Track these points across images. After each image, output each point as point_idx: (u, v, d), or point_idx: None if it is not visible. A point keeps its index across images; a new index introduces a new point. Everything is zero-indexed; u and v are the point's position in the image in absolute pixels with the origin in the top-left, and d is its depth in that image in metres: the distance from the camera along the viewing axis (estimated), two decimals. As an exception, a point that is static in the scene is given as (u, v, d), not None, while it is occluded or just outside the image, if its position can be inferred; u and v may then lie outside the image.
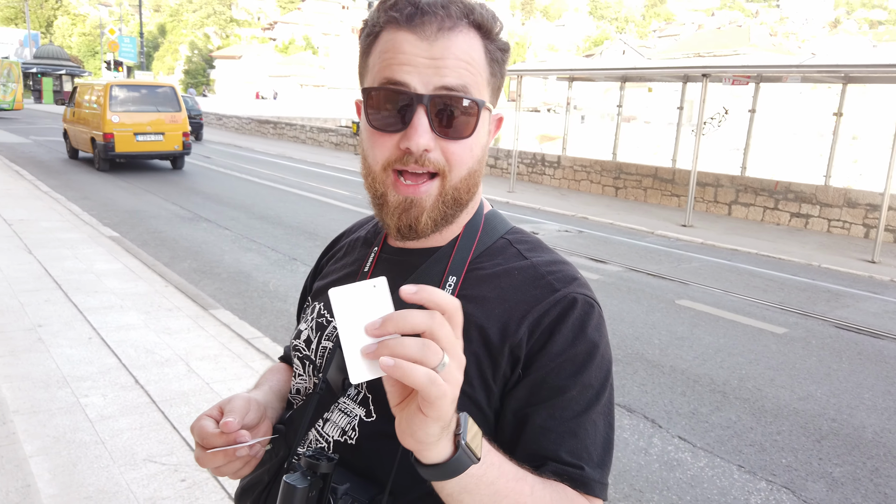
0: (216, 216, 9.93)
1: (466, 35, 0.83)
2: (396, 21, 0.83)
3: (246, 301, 5.95)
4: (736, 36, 62.95)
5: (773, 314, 6.40)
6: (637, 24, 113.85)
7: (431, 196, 0.85)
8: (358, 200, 11.96)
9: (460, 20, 0.83)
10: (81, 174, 13.87)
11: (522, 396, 0.84)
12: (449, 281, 0.89)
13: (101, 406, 3.66)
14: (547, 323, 0.85)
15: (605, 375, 0.87)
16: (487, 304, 0.87)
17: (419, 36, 0.81)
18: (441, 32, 0.81)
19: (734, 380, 4.74)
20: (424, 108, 0.81)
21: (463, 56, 0.82)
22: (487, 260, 0.93)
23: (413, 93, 0.81)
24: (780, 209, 11.79)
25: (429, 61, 0.81)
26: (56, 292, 5.50)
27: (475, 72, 0.84)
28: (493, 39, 0.87)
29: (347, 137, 23.44)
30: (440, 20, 0.81)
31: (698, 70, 11.31)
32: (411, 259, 0.94)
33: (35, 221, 8.19)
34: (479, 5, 0.85)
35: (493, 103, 0.90)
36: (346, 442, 0.90)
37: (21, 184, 11.30)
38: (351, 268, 1.04)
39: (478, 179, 0.91)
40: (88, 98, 14.88)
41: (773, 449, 3.83)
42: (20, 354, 4.24)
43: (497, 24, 0.87)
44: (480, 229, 0.95)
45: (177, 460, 3.19)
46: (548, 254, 0.95)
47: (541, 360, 0.84)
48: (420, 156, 0.82)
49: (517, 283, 0.89)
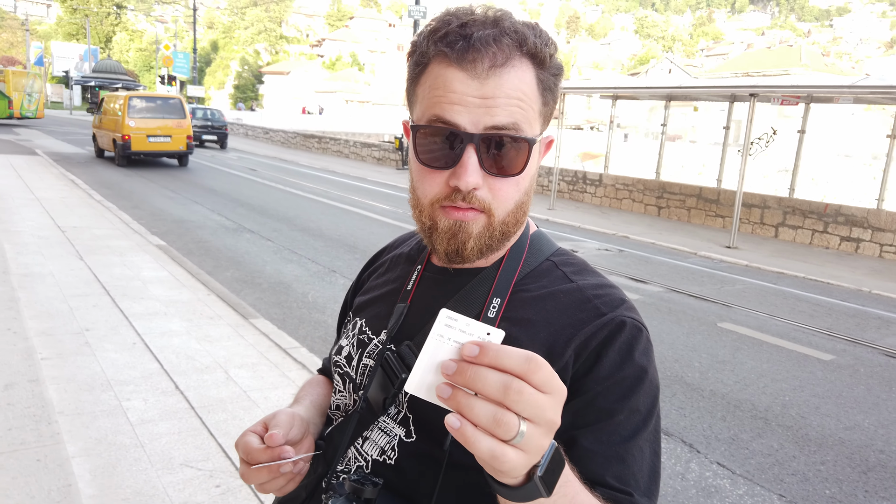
0: (259, 227, 10.12)
1: (518, 69, 0.81)
2: (447, 56, 0.81)
3: (285, 311, 6.04)
4: (786, 55, 61.64)
5: (819, 340, 6.20)
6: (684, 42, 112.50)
7: (479, 225, 0.84)
8: (398, 215, 12.05)
9: (513, 53, 0.81)
10: (134, 185, 14.31)
11: (568, 420, 0.80)
12: (493, 303, 0.88)
13: (141, 410, 3.74)
14: (594, 346, 0.83)
15: (652, 401, 0.85)
16: (532, 327, 0.86)
17: (470, 74, 0.80)
18: (493, 70, 0.80)
19: (777, 406, 4.59)
20: (474, 147, 0.80)
21: (514, 93, 0.81)
22: (532, 282, 0.92)
23: (463, 132, 0.80)
24: (829, 232, 11.46)
25: (479, 100, 0.80)
26: (104, 298, 5.67)
27: (526, 106, 0.82)
28: (547, 67, 0.84)
29: (389, 152, 23.69)
30: (492, 56, 0.80)
31: (746, 89, 11.12)
32: (455, 279, 0.93)
33: (87, 229, 8.48)
34: (533, 30, 0.83)
35: (544, 129, 0.89)
36: (385, 462, 0.89)
37: (76, 192, 11.72)
38: (393, 284, 1.03)
39: (526, 209, 0.90)
40: (111, 106, 17.81)
41: (816, 479, 3.69)
42: (68, 357, 4.37)
43: (550, 49, 0.84)
44: (526, 251, 0.94)
45: (212, 466, 3.23)
46: (594, 277, 0.93)
47: (588, 384, 0.82)
48: (468, 194, 0.82)
49: (563, 306, 0.88)
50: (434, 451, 0.69)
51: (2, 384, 3.88)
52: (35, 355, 4.33)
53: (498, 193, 0.83)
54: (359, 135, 38.20)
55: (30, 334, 4.68)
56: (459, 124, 0.80)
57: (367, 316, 1.01)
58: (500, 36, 0.81)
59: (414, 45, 0.88)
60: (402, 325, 0.94)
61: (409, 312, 0.95)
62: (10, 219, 8.71)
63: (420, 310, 0.94)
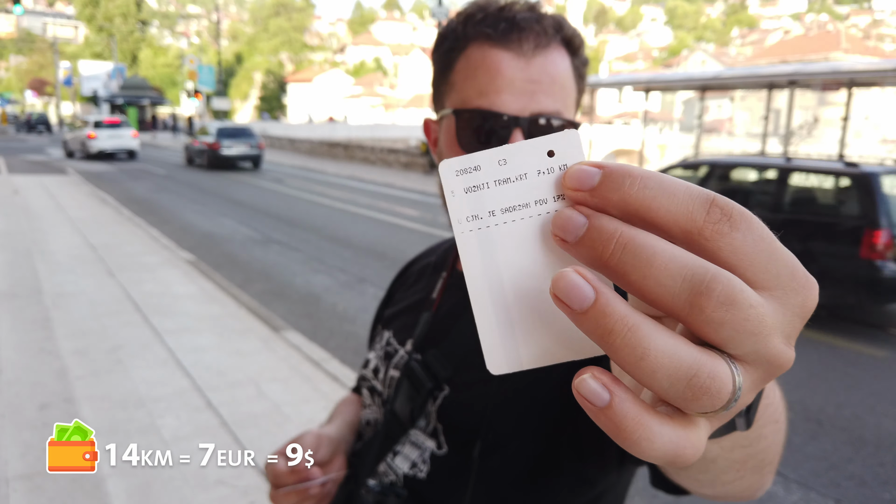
0: (287, 238, 10.13)
1: (558, 53, 0.80)
2: (489, 37, 0.79)
3: (315, 323, 5.98)
4: (825, 40, 60.00)
5: (872, 336, 5.96)
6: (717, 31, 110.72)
7: None
8: (427, 220, 11.98)
9: (553, 36, 0.79)
10: (163, 200, 14.50)
11: None
12: None
13: (175, 427, 3.71)
14: None
15: None
16: None
17: (516, 53, 0.77)
18: (538, 50, 0.78)
19: (830, 407, 4.39)
20: (522, 132, 0.77)
21: (558, 77, 0.79)
22: None
23: (510, 116, 0.77)
24: (876, 222, 11.06)
25: (526, 83, 0.77)
26: (135, 315, 5.68)
27: (567, 92, 0.81)
28: (579, 55, 0.83)
29: (416, 157, 23.67)
30: (536, 37, 0.78)
31: (785, 77, 10.80)
32: None
33: (118, 246, 8.56)
34: (564, 18, 0.82)
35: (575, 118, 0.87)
36: (416, 476, 0.85)
37: (106, 210, 11.89)
38: (420, 294, 1.00)
39: None
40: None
41: (874, 482, 3.51)
42: (101, 375, 4.36)
43: (582, 41, 0.84)
44: None
45: (246, 483, 3.18)
46: None
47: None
48: None
49: None
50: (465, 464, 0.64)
51: (37, 404, 3.89)
52: (69, 374, 4.33)
53: None
54: (385, 140, 38.33)
55: (63, 353, 4.69)
56: (506, 108, 0.78)
57: (395, 328, 0.99)
58: (541, 17, 0.79)
59: (443, 34, 0.85)
60: (429, 334, 0.91)
61: (435, 321, 0.92)
62: (43, 238, 8.84)
63: (445, 317, 0.91)
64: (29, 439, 3.44)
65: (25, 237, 8.85)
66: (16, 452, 3.31)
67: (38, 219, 10.47)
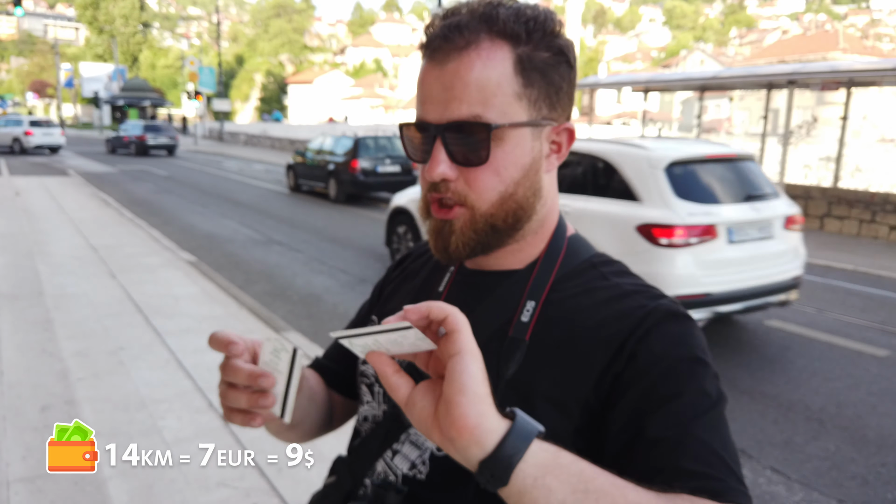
0: (288, 239, 10.13)
1: (486, 50, 0.76)
2: (421, 49, 0.80)
3: (316, 324, 5.98)
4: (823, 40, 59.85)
5: (873, 335, 5.93)
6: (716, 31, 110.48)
7: (462, 221, 0.82)
8: (427, 220, 11.96)
9: (478, 36, 0.76)
10: (164, 202, 14.49)
11: (627, 411, 0.74)
12: (527, 306, 0.83)
13: (176, 429, 3.70)
14: (641, 333, 0.76)
15: (720, 390, 0.75)
16: (570, 323, 0.80)
17: (434, 63, 0.78)
18: (452, 55, 0.76)
19: (831, 406, 4.38)
20: (440, 139, 0.78)
21: (474, 78, 0.76)
22: (568, 282, 0.86)
23: (429, 125, 0.78)
24: (877, 222, 10.99)
25: (441, 91, 0.77)
26: (137, 316, 5.68)
27: (493, 92, 0.76)
28: (532, 43, 0.78)
29: (416, 158, 23.60)
30: (452, 42, 0.76)
31: (784, 76, 10.77)
32: (487, 281, 0.89)
33: (119, 247, 8.56)
34: (508, 8, 0.78)
35: (545, 115, 0.81)
36: (415, 477, 0.84)
37: (107, 211, 11.88)
38: (422, 288, 0.99)
39: (523, 203, 0.83)
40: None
41: (877, 483, 3.50)
42: (103, 377, 4.36)
43: (531, 27, 0.77)
44: (562, 253, 0.88)
45: (248, 485, 3.17)
46: (633, 278, 0.86)
47: (643, 371, 0.75)
48: (440, 185, 0.81)
49: (602, 300, 0.82)
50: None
51: (39, 406, 3.88)
52: (70, 376, 4.33)
53: (473, 184, 0.80)
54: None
55: (65, 355, 4.69)
56: (429, 118, 0.79)
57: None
58: (470, 20, 0.77)
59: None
60: None
61: None
62: (44, 240, 8.84)
63: None
64: (30, 441, 3.44)
65: (27, 238, 8.85)
66: (17, 455, 3.30)
67: (40, 220, 10.47)
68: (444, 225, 0.83)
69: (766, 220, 5.24)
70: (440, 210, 0.83)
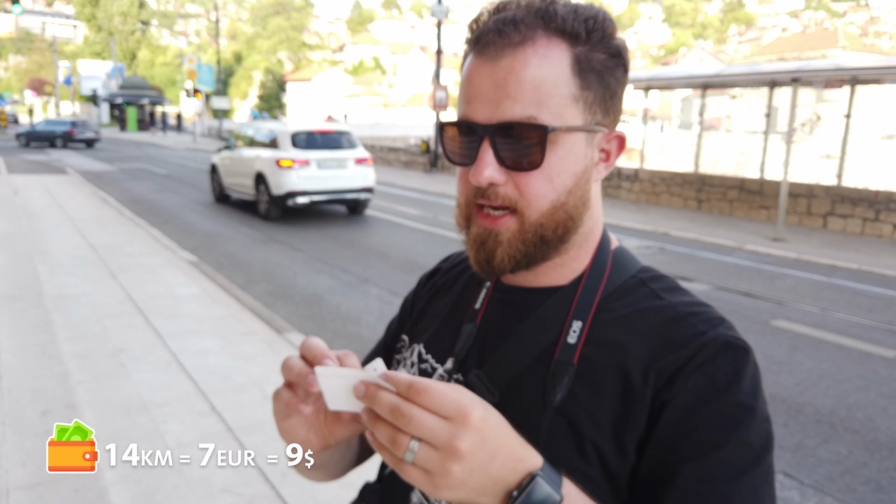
0: (289, 238, 10.06)
1: (541, 47, 0.71)
2: (471, 45, 0.75)
3: (319, 324, 5.92)
4: (823, 37, 59.69)
5: (881, 336, 5.88)
6: (715, 28, 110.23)
7: (510, 231, 0.77)
8: (429, 220, 11.91)
9: (534, 32, 0.71)
10: (164, 201, 14.43)
11: (661, 452, 0.70)
12: (574, 326, 0.78)
13: (179, 433, 3.65)
14: (693, 367, 0.71)
15: (766, 438, 0.70)
16: (621, 350, 0.75)
17: (484, 59, 0.72)
18: (506, 50, 0.71)
19: (842, 409, 4.33)
20: (489, 141, 0.72)
21: (530, 77, 0.71)
22: (616, 300, 0.80)
23: (477, 125, 0.73)
24: (881, 220, 10.93)
25: (493, 88, 0.72)
26: (137, 317, 5.61)
27: (548, 92, 0.72)
28: (590, 43, 0.73)
29: (417, 156, 23.58)
30: (507, 37, 0.71)
31: (787, 74, 10.69)
32: (528, 299, 0.83)
33: (119, 247, 8.49)
34: (565, 5, 0.74)
35: (598, 121, 0.76)
36: None
37: (107, 210, 11.81)
38: (455, 305, 0.93)
39: (573, 213, 0.77)
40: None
41: (891, 487, 3.45)
42: (103, 379, 4.30)
43: (592, 24, 0.73)
44: (608, 268, 0.82)
45: (252, 491, 3.12)
46: (687, 295, 0.80)
47: (686, 411, 0.70)
48: (487, 189, 0.75)
49: (654, 324, 0.75)
50: None
51: (39, 410, 3.83)
52: (71, 379, 4.27)
53: (525, 189, 0.75)
54: (384, 139, 38.19)
55: (65, 357, 4.63)
56: (477, 117, 0.74)
57: (427, 342, 0.92)
58: (525, 15, 0.72)
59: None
60: (472, 350, 0.85)
61: (479, 335, 0.86)
62: (43, 240, 8.77)
63: (490, 333, 0.85)
64: (30, 447, 3.38)
65: (26, 238, 8.78)
66: (17, 461, 3.24)
67: (39, 219, 10.39)
68: (488, 235, 0.77)
69: (341, 159, 11.55)
70: (486, 218, 0.77)
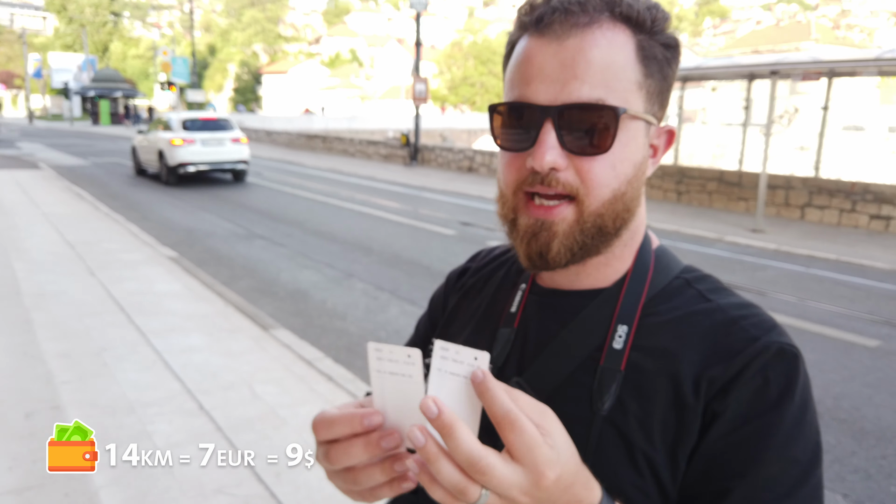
0: (271, 233, 9.94)
1: (608, 31, 0.69)
2: (528, 26, 0.71)
3: (305, 320, 5.86)
4: (796, 30, 60.60)
5: (863, 325, 5.97)
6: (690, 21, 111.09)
7: (566, 221, 0.72)
8: (410, 213, 11.85)
9: (600, 14, 0.69)
10: (139, 196, 14.20)
11: (707, 465, 0.69)
12: (619, 331, 0.74)
13: (168, 434, 3.58)
14: (747, 377, 0.68)
15: (814, 450, 0.69)
16: (669, 358, 0.72)
17: (548, 38, 0.68)
18: (573, 31, 0.68)
19: (828, 399, 4.39)
20: (552, 122, 0.68)
21: (599, 58, 0.68)
22: (662, 303, 0.77)
23: (538, 106, 0.68)
24: (857, 211, 11.11)
25: (558, 68, 0.68)
26: (119, 315, 5.51)
27: (616, 75, 0.69)
28: (651, 33, 0.71)
29: (396, 149, 23.48)
30: (573, 17, 0.68)
31: (766, 67, 10.79)
32: (568, 302, 0.79)
33: (97, 243, 8.32)
34: None
35: (655, 112, 0.74)
36: None
37: (82, 206, 11.58)
38: (488, 308, 0.89)
39: (630, 205, 0.74)
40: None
41: (879, 475, 3.50)
42: (87, 380, 4.21)
43: (655, 15, 0.71)
44: (651, 267, 0.79)
45: (246, 491, 3.07)
46: (734, 296, 0.78)
47: (736, 424, 0.68)
48: (547, 175, 0.70)
49: (704, 330, 0.73)
50: None
51: (23, 413, 3.74)
52: (55, 379, 4.18)
53: (587, 176, 0.71)
54: (363, 132, 37.96)
55: (47, 357, 4.52)
56: (537, 98, 0.70)
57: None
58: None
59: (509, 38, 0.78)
60: (510, 356, 0.81)
61: (517, 340, 0.82)
62: (18, 236, 8.57)
63: (530, 338, 0.81)
64: (16, 451, 3.29)
65: (1, 235, 8.57)
66: (3, 465, 3.16)
67: (12, 215, 10.15)
68: (541, 226, 0.73)
69: (220, 139, 15.83)
70: (538, 208, 0.73)
